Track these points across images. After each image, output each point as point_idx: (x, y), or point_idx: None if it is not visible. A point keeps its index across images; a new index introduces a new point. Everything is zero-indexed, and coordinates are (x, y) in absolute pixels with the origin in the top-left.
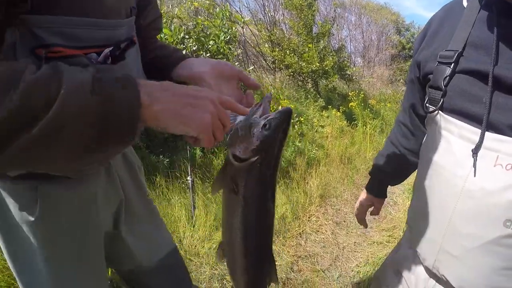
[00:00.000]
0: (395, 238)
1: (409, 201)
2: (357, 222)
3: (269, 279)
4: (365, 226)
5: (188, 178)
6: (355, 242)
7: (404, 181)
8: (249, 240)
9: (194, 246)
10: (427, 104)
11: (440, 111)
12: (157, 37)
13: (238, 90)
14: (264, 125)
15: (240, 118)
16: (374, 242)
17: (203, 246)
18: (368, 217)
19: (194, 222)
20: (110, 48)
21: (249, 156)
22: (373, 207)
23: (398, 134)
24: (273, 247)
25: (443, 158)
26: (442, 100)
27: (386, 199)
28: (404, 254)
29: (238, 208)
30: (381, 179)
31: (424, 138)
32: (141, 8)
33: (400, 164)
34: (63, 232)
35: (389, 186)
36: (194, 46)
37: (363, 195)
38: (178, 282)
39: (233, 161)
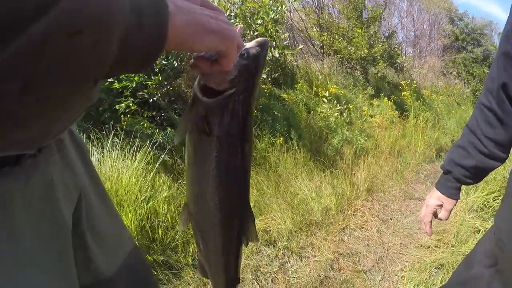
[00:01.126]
0: (444, 243)
1: (463, 202)
2: (404, 222)
3: (247, 237)
4: (430, 233)
5: None
6: (401, 243)
7: None
8: (225, 189)
9: None
10: None
11: None
12: None
13: None
14: (242, 54)
15: None
16: (421, 245)
17: None
18: (417, 218)
19: None
20: None
21: (225, 88)
22: (441, 209)
23: (480, 121)
24: (314, 240)
25: None
26: None
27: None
28: (478, 274)
29: (211, 152)
30: (456, 176)
31: None
32: None
33: (482, 159)
34: (25, 243)
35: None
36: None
37: (431, 193)
38: (143, 286)
39: (204, 98)
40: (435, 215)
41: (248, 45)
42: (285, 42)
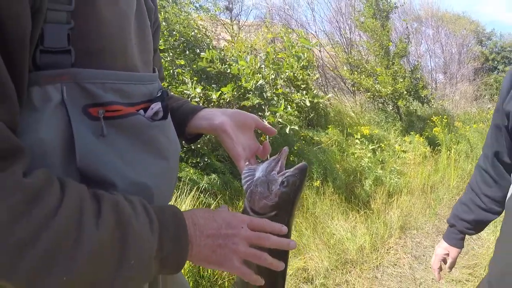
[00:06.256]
0: (475, 277)
1: (494, 236)
2: None
3: None
4: (439, 279)
5: None
6: (432, 279)
7: None
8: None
9: None
10: None
11: None
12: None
13: (254, 140)
14: (282, 182)
15: (258, 174)
16: (452, 280)
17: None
18: None
19: None
20: (159, 103)
21: (267, 212)
22: (449, 257)
23: (479, 181)
24: (349, 278)
25: None
26: None
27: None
28: None
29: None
30: (460, 229)
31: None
32: None
33: (480, 213)
34: None
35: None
36: (272, 75)
37: (439, 244)
38: None
39: (252, 214)
40: (444, 261)
41: (288, 172)
42: (317, 85)
